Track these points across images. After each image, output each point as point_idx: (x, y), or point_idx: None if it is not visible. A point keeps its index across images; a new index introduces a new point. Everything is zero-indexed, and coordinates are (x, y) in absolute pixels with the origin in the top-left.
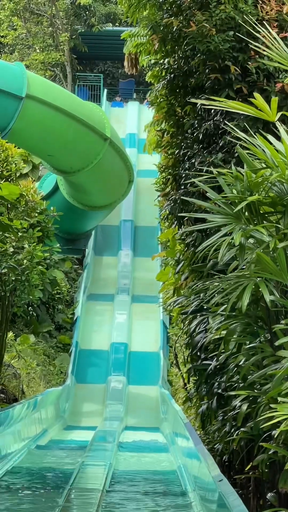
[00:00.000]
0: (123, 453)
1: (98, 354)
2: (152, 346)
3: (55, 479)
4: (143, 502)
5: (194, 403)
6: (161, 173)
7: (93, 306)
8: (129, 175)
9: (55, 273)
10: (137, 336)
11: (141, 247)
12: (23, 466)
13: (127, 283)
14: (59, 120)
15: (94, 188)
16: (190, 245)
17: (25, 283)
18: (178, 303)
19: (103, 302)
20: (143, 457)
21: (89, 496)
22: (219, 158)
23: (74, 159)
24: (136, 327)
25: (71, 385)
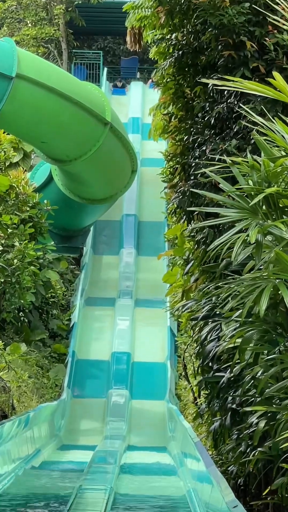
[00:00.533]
0: (126, 476)
1: (98, 365)
2: (158, 356)
3: (49, 506)
4: None
5: (206, 419)
6: (168, 162)
7: (91, 311)
8: (132, 164)
9: (49, 274)
10: (141, 345)
11: (145, 245)
12: (13, 491)
13: (129, 285)
14: (54, 102)
15: (93, 178)
16: (200, 242)
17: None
18: (187, 307)
19: (103, 307)
20: (148, 481)
21: None
22: (233, 145)
23: (70, 146)
24: (140, 335)
25: (67, 400)
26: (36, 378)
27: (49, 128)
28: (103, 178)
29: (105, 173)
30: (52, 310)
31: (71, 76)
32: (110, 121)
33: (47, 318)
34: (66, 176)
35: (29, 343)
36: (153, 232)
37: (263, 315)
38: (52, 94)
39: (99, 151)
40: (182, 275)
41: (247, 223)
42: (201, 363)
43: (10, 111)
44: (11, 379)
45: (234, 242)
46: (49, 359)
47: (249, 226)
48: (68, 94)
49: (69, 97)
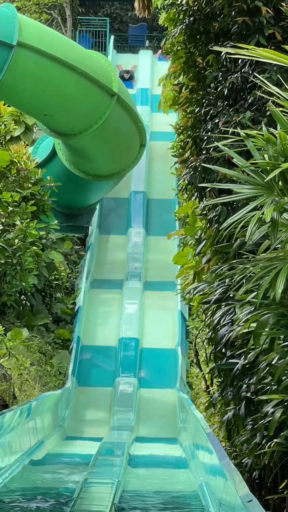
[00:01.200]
0: (134, 469)
1: (104, 352)
2: (168, 342)
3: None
4: None
5: (219, 409)
6: (179, 135)
7: (97, 295)
8: (140, 138)
9: (52, 255)
10: (150, 330)
11: (155, 224)
12: (14, 486)
13: (138, 267)
14: (57, 72)
15: (99, 153)
16: (213, 221)
17: (16, 267)
18: (199, 290)
19: (110, 290)
20: (158, 474)
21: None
22: (247, 118)
23: (74, 119)
24: (149, 319)
25: (72, 388)
26: (38, 365)
27: (52, 99)
28: (109, 152)
29: (112, 147)
30: (55, 293)
31: (76, 44)
32: (117, 92)
33: (50, 301)
34: (71, 150)
35: (31, 328)
36: (163, 210)
37: (280, 298)
38: (56, 64)
39: (105, 124)
40: (193, 256)
41: (262, 200)
42: (214, 349)
43: (11, 82)
44: (12, 367)
45: (249, 220)
46: (53, 345)
47: (265, 203)
48: (73, 63)
49: (74, 66)
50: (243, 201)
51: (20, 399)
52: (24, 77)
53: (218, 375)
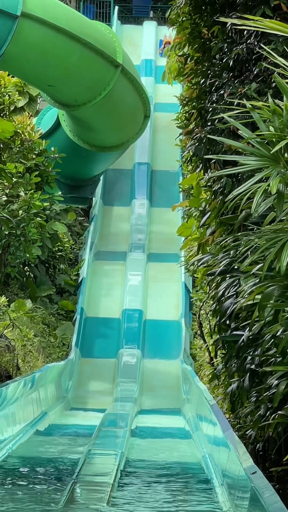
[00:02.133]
0: (137, 440)
1: (108, 323)
2: (172, 314)
3: (56, 471)
4: (161, 498)
5: (222, 381)
6: (184, 106)
7: (101, 266)
8: (144, 109)
9: (56, 226)
10: (154, 302)
11: (159, 195)
12: (19, 456)
13: (142, 239)
14: (61, 43)
15: (103, 124)
16: (218, 193)
17: (20, 238)
18: (203, 262)
19: (114, 261)
20: (161, 445)
21: (97, 491)
22: (253, 89)
23: (79, 89)
24: (153, 291)
25: (75, 360)
26: (42, 337)
27: (56, 70)
28: (113, 124)
29: (116, 118)
30: (59, 265)
31: (80, 15)
32: (121, 63)
33: (54, 273)
34: (75, 121)
35: (35, 300)
36: (167, 181)
37: (285, 270)
38: (60, 34)
39: (109, 95)
40: (198, 228)
41: (268, 172)
42: (218, 321)
43: (15, 53)
44: (16, 338)
45: (254, 192)
46: (56, 317)
47: (270, 175)
48: (77, 34)
49: (78, 37)
50: (248, 173)
51: (23, 370)
52: (28, 48)
53: (222, 347)
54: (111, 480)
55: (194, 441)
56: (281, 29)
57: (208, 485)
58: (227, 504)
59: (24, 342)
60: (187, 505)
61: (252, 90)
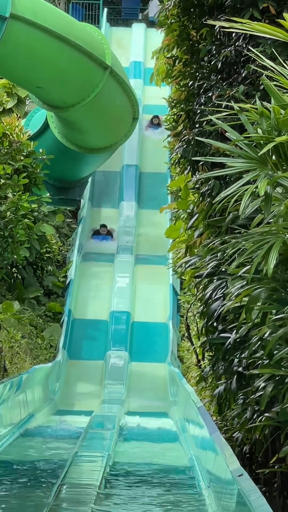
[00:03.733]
0: (124, 443)
1: (95, 325)
2: (160, 316)
3: (43, 473)
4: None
5: (210, 383)
6: (172, 108)
7: (89, 268)
8: (133, 111)
9: (44, 228)
10: (141, 304)
11: (147, 197)
12: (5, 458)
13: (130, 241)
14: (50, 44)
15: (92, 126)
16: (206, 195)
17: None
18: (191, 264)
19: (102, 263)
20: (148, 448)
21: (83, 493)
22: (241, 91)
23: (67, 91)
24: (141, 293)
25: (63, 362)
26: (29, 338)
27: (45, 72)
28: (102, 125)
29: (104, 120)
30: (47, 266)
31: (69, 17)
32: (110, 65)
33: (41, 274)
34: (63, 123)
35: (23, 301)
36: (155, 183)
37: (272, 273)
38: (49, 36)
39: (98, 97)
40: (185, 230)
41: (256, 174)
42: (205, 323)
43: (3, 54)
44: (3, 339)
45: (242, 194)
46: (44, 318)
47: (258, 177)
48: (66, 36)
49: (67, 39)
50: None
51: (10, 371)
52: (16, 49)
53: (209, 349)
54: (97, 482)
55: (181, 443)
56: (269, 31)
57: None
58: (213, 506)
59: (11, 344)
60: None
61: (240, 92)
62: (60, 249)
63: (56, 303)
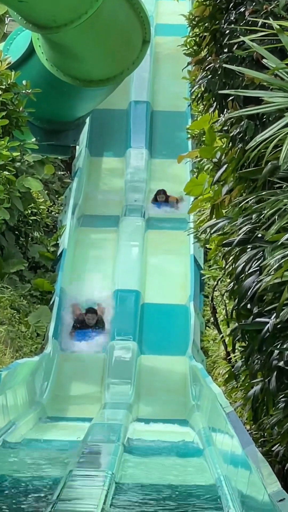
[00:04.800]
0: (132, 459)
1: None
2: (178, 296)
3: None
4: None
5: (242, 382)
6: (193, 28)
7: (86, 234)
8: (143, 32)
9: (28, 182)
10: (154, 281)
11: (161, 143)
12: None
13: (139, 199)
14: None
15: (90, 51)
16: (237, 139)
17: None
18: (218, 228)
19: (103, 228)
20: (163, 465)
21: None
22: (282, 6)
23: (58, 6)
24: (153, 267)
25: (53, 355)
26: (10, 325)
27: None
28: (103, 50)
29: (106, 44)
30: (32, 232)
31: None
32: None
33: (25, 243)
34: (53, 48)
35: (1, 277)
36: (171, 125)
37: None
38: None
39: (98, 13)
40: (211, 185)
41: None
42: (236, 305)
43: None
44: None
45: (283, 138)
46: (29, 299)
47: None
48: None
49: None
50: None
51: None
52: None
53: (241, 338)
54: (98, 510)
55: (205, 460)
56: None
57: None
58: None
59: None
60: None
61: (280, 7)
62: (50, 210)
63: (44, 279)
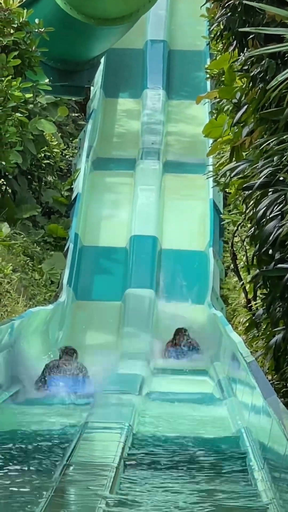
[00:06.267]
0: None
1: (111, 254)
2: (196, 242)
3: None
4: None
5: (264, 331)
6: None
7: (102, 178)
8: None
9: (42, 125)
10: (172, 226)
11: (178, 83)
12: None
13: (156, 142)
14: None
15: None
16: (258, 79)
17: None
18: (238, 172)
19: (119, 172)
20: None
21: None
22: None
23: None
24: (171, 212)
25: (68, 303)
26: (23, 272)
27: None
28: None
29: None
30: (46, 177)
31: None
32: None
33: (39, 187)
34: None
35: (14, 223)
36: (189, 65)
37: None
38: None
39: None
40: (230, 126)
41: None
42: (258, 251)
43: None
44: None
45: None
46: (42, 246)
47: None
48: None
49: None
50: None
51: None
52: None
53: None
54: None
55: (225, 410)
56: None
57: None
58: (268, 493)
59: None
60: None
61: None
62: (64, 153)
63: (58, 225)
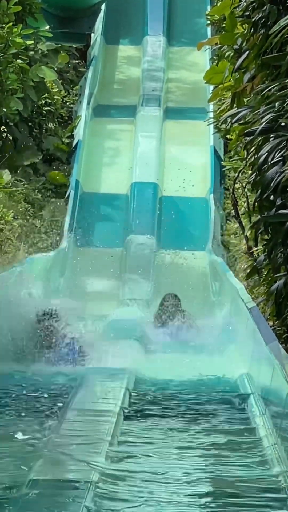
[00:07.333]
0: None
1: (112, 201)
2: (197, 188)
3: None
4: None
5: (265, 277)
6: None
7: (103, 125)
8: None
9: (42, 71)
10: (173, 173)
11: (179, 30)
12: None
13: (157, 88)
14: None
15: None
16: (259, 24)
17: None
18: (240, 117)
19: (119, 119)
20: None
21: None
22: None
23: None
24: (172, 158)
25: (69, 250)
26: (24, 219)
27: None
28: None
29: None
30: (47, 124)
31: None
32: None
33: (39, 134)
34: None
35: (15, 170)
36: (190, 11)
37: None
38: None
39: None
40: (232, 72)
41: None
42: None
43: None
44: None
45: None
46: (43, 193)
47: None
48: None
49: None
50: None
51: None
52: None
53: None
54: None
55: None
56: None
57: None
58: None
59: (1, 226)
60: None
61: None
62: (64, 100)
63: (59, 172)
